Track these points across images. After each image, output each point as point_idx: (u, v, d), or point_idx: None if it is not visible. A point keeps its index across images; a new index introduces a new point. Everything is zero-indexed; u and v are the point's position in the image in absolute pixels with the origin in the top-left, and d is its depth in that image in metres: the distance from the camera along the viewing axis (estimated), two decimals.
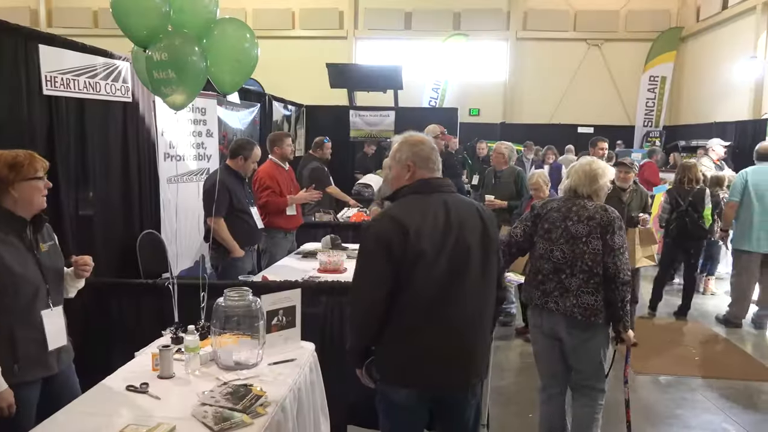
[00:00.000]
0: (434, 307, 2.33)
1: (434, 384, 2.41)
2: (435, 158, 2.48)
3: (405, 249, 2.27)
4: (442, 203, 2.38)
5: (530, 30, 17.44)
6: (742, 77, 12.45)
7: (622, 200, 5.42)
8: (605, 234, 3.19)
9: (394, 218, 2.33)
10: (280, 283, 3.61)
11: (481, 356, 2.50)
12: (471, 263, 2.37)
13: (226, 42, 3.20)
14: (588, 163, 3.44)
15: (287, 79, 15.63)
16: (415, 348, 2.35)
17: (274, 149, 5.61)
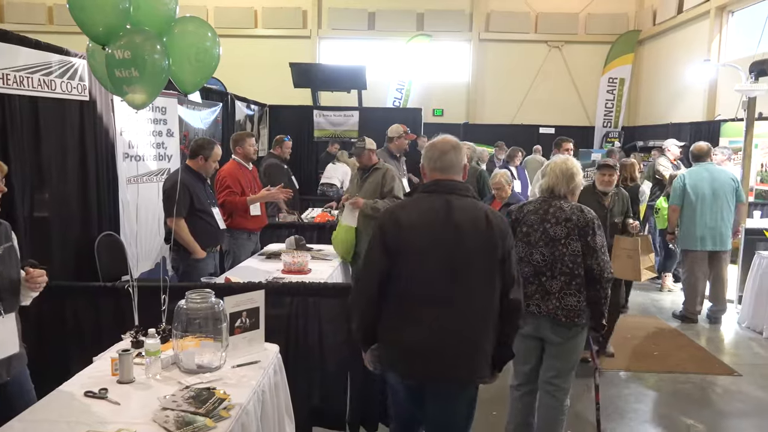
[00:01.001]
0: (421, 300, 2.46)
1: (413, 373, 2.55)
2: (449, 160, 2.59)
3: (398, 242, 2.47)
4: (444, 204, 2.51)
5: (492, 31, 17.63)
6: (696, 80, 12.80)
7: (604, 205, 5.07)
8: (585, 236, 3.22)
9: (393, 213, 2.59)
10: (243, 285, 3.58)
11: (470, 356, 2.50)
12: (465, 265, 2.46)
13: (186, 40, 3.15)
14: (563, 162, 3.45)
15: (250, 79, 15.46)
16: (401, 336, 2.49)
17: (236, 149, 5.55)
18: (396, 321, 2.51)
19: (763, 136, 9.44)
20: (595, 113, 17.35)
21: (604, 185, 5.09)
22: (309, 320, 3.64)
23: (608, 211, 5.08)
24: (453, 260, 2.46)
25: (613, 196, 5.15)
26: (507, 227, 2.60)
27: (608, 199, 5.13)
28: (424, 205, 2.54)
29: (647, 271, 5.16)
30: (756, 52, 10.47)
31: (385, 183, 5.26)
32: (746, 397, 4.69)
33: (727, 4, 12.89)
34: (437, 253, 2.46)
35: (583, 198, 4.46)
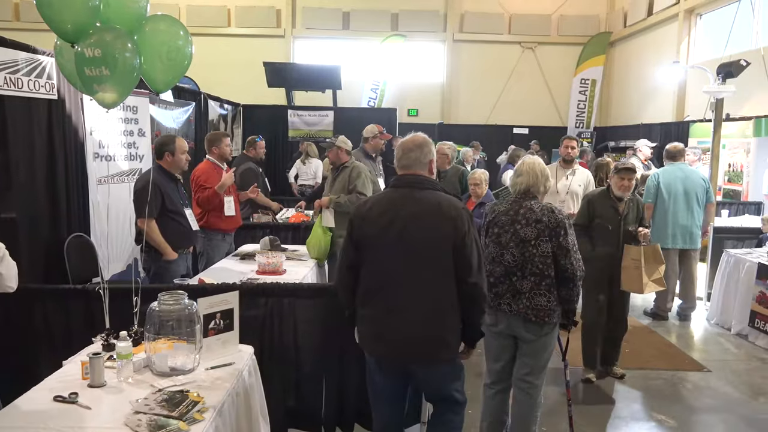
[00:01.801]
0: (378, 286, 2.74)
1: (375, 351, 2.84)
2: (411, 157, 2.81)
3: (360, 234, 2.77)
4: (400, 197, 2.76)
5: (467, 32, 17.73)
6: (666, 81, 13.03)
7: (618, 211, 4.77)
8: (556, 236, 3.25)
9: (359, 208, 2.89)
10: (217, 286, 3.55)
11: (423, 337, 2.70)
12: (414, 253, 2.67)
13: (158, 38, 3.10)
14: (537, 163, 3.48)
15: (223, 78, 15.33)
16: (363, 317, 2.82)
17: (212, 149, 5.49)
18: (362, 305, 2.81)
19: (730, 136, 9.65)
20: (568, 114, 17.55)
21: (623, 190, 4.73)
22: (284, 321, 3.61)
23: (622, 218, 4.76)
24: (402, 249, 2.69)
25: (627, 203, 4.80)
26: (461, 215, 2.70)
27: (623, 206, 4.78)
28: (384, 200, 2.80)
29: (653, 283, 4.77)
30: (723, 54, 10.70)
31: (350, 180, 5.29)
32: (715, 392, 4.79)
33: (696, 7, 13.15)
34: (388, 242, 2.71)
35: (597, 204, 4.79)
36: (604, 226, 4.75)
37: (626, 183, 4.71)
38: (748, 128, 9.65)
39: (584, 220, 4.87)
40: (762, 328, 5.76)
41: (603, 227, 4.75)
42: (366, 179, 5.33)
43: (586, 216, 4.87)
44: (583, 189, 6.01)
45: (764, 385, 4.93)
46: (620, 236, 4.73)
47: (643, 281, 4.66)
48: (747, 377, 5.10)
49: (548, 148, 14.17)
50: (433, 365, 2.81)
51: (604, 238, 4.75)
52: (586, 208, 4.88)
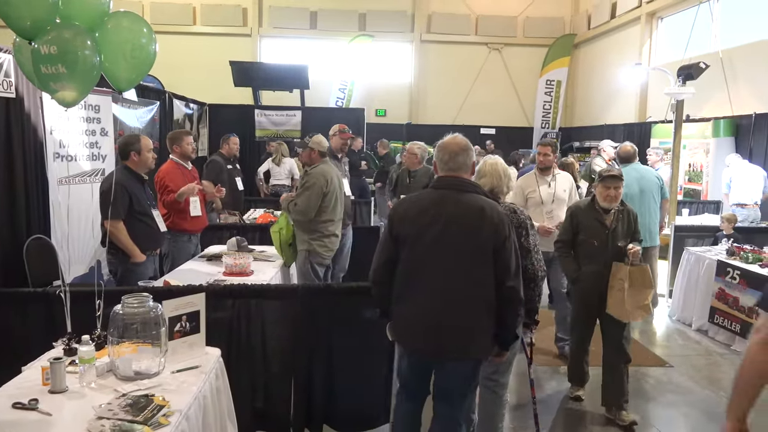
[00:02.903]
0: (414, 282, 2.81)
1: (409, 345, 2.92)
2: (458, 160, 2.89)
3: (399, 230, 2.84)
4: (442, 198, 2.83)
5: (434, 33, 17.83)
6: (628, 83, 13.30)
7: (605, 224, 4.24)
8: (518, 236, 3.23)
9: (399, 205, 2.99)
10: (183, 288, 3.49)
11: (455, 335, 2.76)
12: (450, 254, 2.74)
13: (120, 36, 3.04)
14: (499, 163, 3.49)
15: (189, 77, 15.15)
16: (399, 312, 2.86)
17: (174, 148, 5.41)
18: (398, 300, 2.86)
19: (690, 137, 9.90)
20: (534, 114, 17.79)
21: (609, 201, 4.21)
22: (252, 322, 3.58)
23: (610, 233, 4.22)
24: (442, 249, 2.75)
25: (616, 215, 4.26)
26: (503, 221, 2.80)
27: (610, 218, 4.25)
28: (426, 199, 2.87)
29: (639, 310, 4.15)
30: (684, 56, 10.97)
31: (301, 188, 5.21)
32: (677, 387, 4.90)
33: (657, 10, 13.45)
34: (428, 241, 2.76)
35: (581, 216, 4.29)
36: (589, 241, 4.25)
37: (613, 192, 4.17)
38: (708, 129, 9.91)
39: (568, 235, 4.39)
40: (721, 324, 5.91)
41: (589, 243, 4.25)
42: (314, 194, 5.03)
43: (569, 231, 4.38)
44: (568, 195, 5.46)
45: (724, 379, 5.06)
46: (608, 253, 4.19)
47: (624, 306, 4.10)
48: (707, 372, 5.24)
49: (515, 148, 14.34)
50: (462, 362, 2.87)
51: (590, 256, 4.25)
52: (570, 221, 4.38)
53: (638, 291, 4.10)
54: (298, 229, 5.19)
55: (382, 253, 2.91)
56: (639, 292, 4.10)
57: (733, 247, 6.04)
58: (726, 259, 5.96)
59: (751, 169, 8.22)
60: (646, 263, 4.35)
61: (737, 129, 9.75)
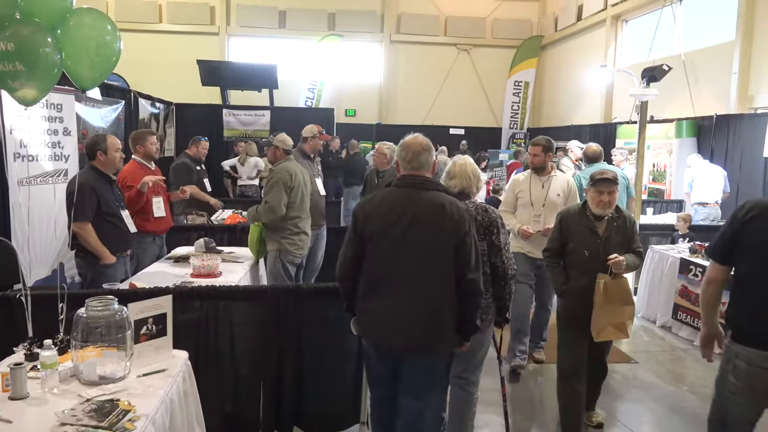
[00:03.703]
0: (379, 277, 2.88)
1: (374, 340, 2.99)
2: (421, 159, 2.96)
3: (363, 228, 2.90)
4: (406, 196, 2.89)
5: (403, 33, 17.88)
6: (594, 84, 13.50)
7: (597, 233, 3.81)
8: (489, 234, 3.30)
9: (363, 203, 3.05)
10: (149, 290, 3.43)
11: (424, 328, 2.83)
12: (413, 251, 2.81)
13: (83, 33, 2.98)
14: (469, 163, 3.50)
15: (155, 76, 14.93)
16: (365, 308, 2.94)
17: (137, 148, 5.30)
18: (364, 296, 2.93)
19: (654, 137, 10.11)
20: (502, 115, 17.96)
21: (602, 207, 3.79)
22: (220, 325, 3.54)
23: (602, 242, 3.79)
24: (406, 245, 2.82)
25: (609, 223, 3.84)
26: (463, 217, 2.86)
27: (603, 226, 3.83)
28: (390, 198, 2.93)
29: (613, 330, 3.77)
30: (648, 58, 11.19)
31: (266, 185, 5.21)
32: (642, 383, 5.00)
33: (622, 13, 13.71)
34: (393, 238, 2.84)
35: (572, 223, 3.87)
36: (579, 251, 3.82)
37: (606, 198, 3.75)
38: (671, 130, 10.14)
39: (556, 244, 3.95)
40: (684, 320, 6.05)
41: (578, 253, 3.83)
42: (279, 189, 5.05)
43: (558, 239, 3.94)
44: (563, 199, 5.00)
45: (686, 374, 5.18)
46: (600, 265, 3.73)
47: (597, 325, 3.71)
48: (671, 367, 5.35)
49: (484, 148, 14.49)
50: (429, 358, 2.93)
51: (580, 267, 3.82)
52: (559, 228, 3.96)
53: (614, 307, 3.71)
54: (267, 230, 5.16)
55: (347, 250, 2.98)
56: (615, 308, 3.71)
57: (696, 245, 6.18)
58: (689, 257, 6.10)
59: (712, 168, 8.43)
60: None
61: (699, 130, 9.99)
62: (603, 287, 3.68)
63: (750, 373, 2.65)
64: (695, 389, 4.81)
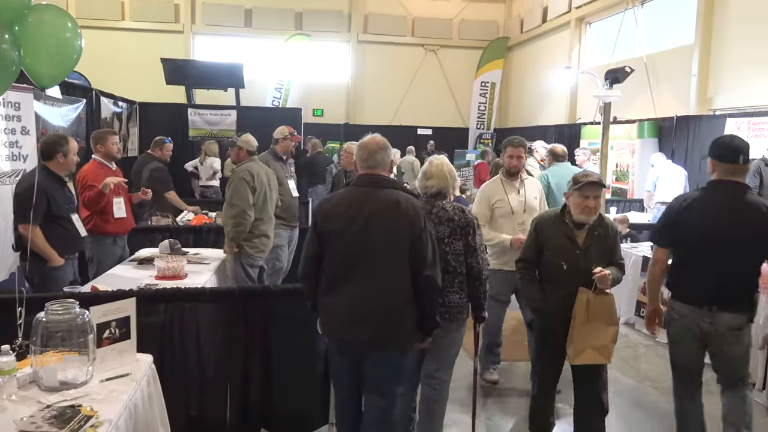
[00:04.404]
0: (339, 275, 2.93)
1: (335, 336, 3.02)
2: (376, 158, 3.02)
3: (322, 227, 2.96)
4: (363, 195, 2.95)
5: (371, 33, 17.89)
6: (559, 85, 13.72)
7: (576, 243, 3.45)
8: (466, 235, 3.34)
9: (322, 203, 3.11)
10: (112, 293, 3.37)
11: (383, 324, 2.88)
12: (372, 247, 2.86)
13: (42, 30, 2.90)
14: (445, 164, 3.53)
15: (118, 74, 14.67)
16: (326, 304, 2.98)
17: (97, 147, 5.20)
18: (324, 293, 2.98)
19: (617, 138, 10.31)
20: (469, 115, 18.10)
21: (587, 213, 3.41)
22: (185, 327, 3.49)
23: (582, 253, 3.44)
24: (363, 242, 2.87)
25: (590, 231, 3.47)
26: (418, 213, 2.91)
27: (583, 235, 3.47)
28: (348, 197, 2.99)
29: (593, 352, 3.37)
30: (611, 60, 11.41)
31: (228, 187, 5.13)
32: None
33: (585, 15, 13.94)
34: (350, 236, 2.89)
35: (548, 231, 3.53)
36: (556, 263, 3.47)
37: (592, 203, 3.39)
38: (633, 130, 10.35)
39: (531, 253, 3.60)
40: None
41: (555, 265, 3.48)
42: (243, 188, 4.97)
43: (533, 247, 3.59)
44: (539, 202, 4.76)
45: (649, 370, 5.29)
46: (578, 278, 3.41)
47: (576, 346, 3.36)
48: (634, 363, 5.46)
49: (451, 149, 14.59)
50: (389, 352, 2.95)
51: (556, 281, 3.48)
52: (534, 236, 3.59)
53: (596, 326, 3.35)
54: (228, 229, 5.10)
55: (308, 249, 3.04)
56: (597, 328, 3.35)
57: None
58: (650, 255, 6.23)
59: (675, 168, 8.64)
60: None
61: (660, 130, 10.22)
62: (586, 303, 3.33)
63: (682, 324, 3.31)
64: (657, 384, 4.91)
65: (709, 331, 3.24)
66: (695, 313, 3.27)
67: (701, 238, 3.25)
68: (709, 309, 3.23)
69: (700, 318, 3.25)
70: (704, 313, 3.24)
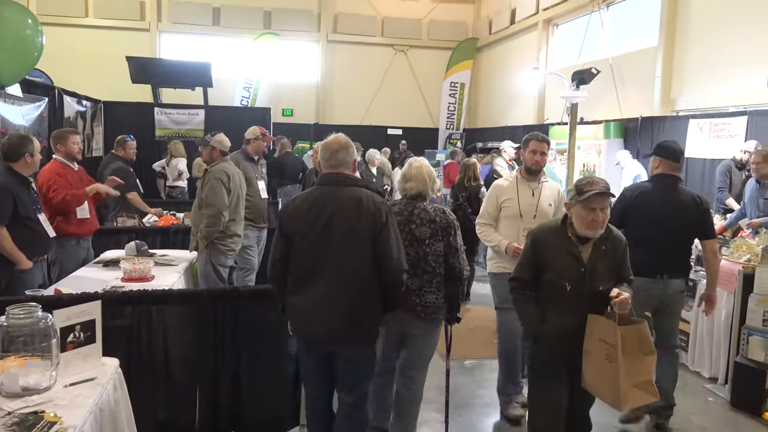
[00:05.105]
0: (305, 274, 2.97)
1: (304, 334, 3.06)
2: (338, 157, 3.05)
3: (288, 227, 3.01)
4: (326, 194, 2.99)
5: (340, 33, 17.85)
6: (527, 86, 13.86)
7: (581, 261, 3.01)
8: (447, 236, 3.40)
9: (288, 204, 3.15)
10: (76, 296, 3.30)
11: (349, 321, 2.93)
12: (334, 245, 2.91)
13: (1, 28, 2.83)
14: (424, 166, 3.56)
15: (82, 72, 14.39)
16: (293, 304, 3.02)
17: (58, 147, 5.07)
18: (292, 293, 3.02)
19: (584, 138, 10.46)
20: (439, 115, 18.19)
21: (593, 228, 2.97)
22: (153, 330, 3.44)
23: (587, 271, 3.00)
24: (328, 240, 2.92)
25: (596, 246, 3.03)
26: (380, 209, 2.94)
27: (588, 251, 3.03)
28: (311, 197, 3.03)
29: (638, 392, 2.87)
30: (577, 62, 11.58)
31: (202, 187, 5.05)
32: None
33: (553, 17, 14.12)
34: (315, 235, 2.94)
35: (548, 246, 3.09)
36: (558, 284, 3.03)
37: (599, 216, 2.95)
38: (599, 131, 10.52)
39: (526, 272, 3.15)
40: None
41: (557, 286, 3.04)
42: (219, 189, 4.94)
43: (529, 266, 3.14)
44: (554, 210, 4.23)
45: None
46: (584, 301, 3.00)
47: (620, 387, 2.80)
48: None
49: (421, 149, 14.65)
50: (356, 347, 3.01)
51: (559, 305, 3.05)
52: (531, 253, 3.15)
53: (635, 361, 2.84)
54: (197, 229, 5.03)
55: (275, 250, 3.08)
56: (635, 362, 2.84)
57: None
58: None
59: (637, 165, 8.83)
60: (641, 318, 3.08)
61: (626, 131, 10.41)
62: (620, 337, 2.80)
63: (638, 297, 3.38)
64: None
65: (662, 296, 3.99)
66: (650, 284, 3.90)
67: (647, 221, 3.94)
68: (662, 277, 3.97)
69: (654, 286, 3.94)
70: (657, 281, 3.95)
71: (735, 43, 8.55)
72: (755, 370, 4.43)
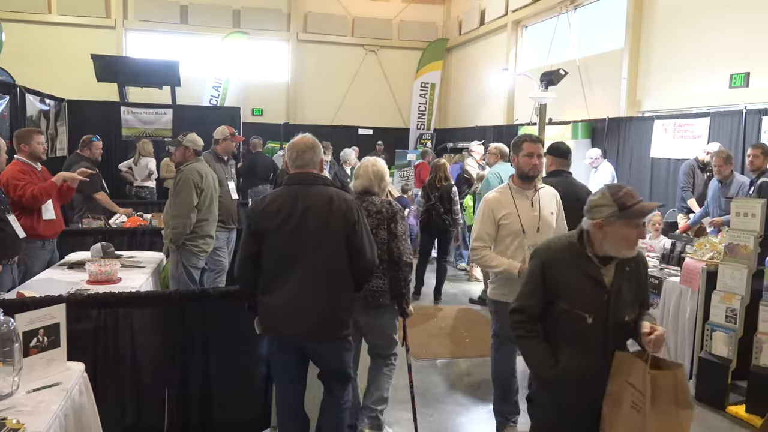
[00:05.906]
0: (276, 273, 2.99)
1: (276, 333, 3.07)
2: (305, 157, 3.10)
3: (258, 226, 3.03)
4: (295, 193, 3.03)
5: (311, 32, 17.76)
6: (497, 87, 13.98)
7: (602, 283, 2.45)
8: (390, 224, 3.62)
9: (257, 203, 3.15)
10: (39, 299, 3.22)
11: (322, 318, 2.98)
12: (307, 242, 2.96)
13: None
14: (373, 164, 3.81)
15: (45, 70, 14.07)
16: (266, 304, 3.03)
17: (21, 147, 4.94)
18: (263, 292, 3.03)
19: (552, 138, 10.57)
20: (410, 115, 18.23)
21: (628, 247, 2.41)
22: (120, 333, 3.38)
23: (612, 298, 2.44)
24: (299, 239, 2.96)
25: (620, 267, 2.47)
26: (351, 207, 3.03)
27: (610, 272, 2.46)
28: (281, 196, 3.05)
29: None
30: (546, 63, 11.72)
31: (174, 187, 4.99)
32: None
33: (522, 19, 14.26)
34: (286, 234, 2.97)
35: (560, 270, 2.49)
36: (577, 316, 2.45)
37: (643, 234, 2.58)
38: (568, 131, 10.66)
39: (534, 301, 2.55)
40: None
41: (575, 318, 2.45)
42: (188, 191, 4.88)
43: (538, 293, 2.54)
44: (556, 218, 3.84)
45: None
46: (609, 334, 2.45)
47: None
48: None
49: (392, 149, 14.67)
50: (330, 343, 3.08)
51: (578, 340, 2.47)
52: (540, 277, 2.53)
53: (667, 412, 2.29)
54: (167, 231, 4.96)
55: (244, 250, 3.09)
56: (669, 413, 2.29)
57: None
58: None
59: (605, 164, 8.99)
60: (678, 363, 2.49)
61: (593, 131, 10.57)
62: (650, 383, 2.27)
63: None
64: None
65: None
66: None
67: None
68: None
69: None
70: None
71: (698, 45, 8.74)
72: (719, 365, 4.54)
